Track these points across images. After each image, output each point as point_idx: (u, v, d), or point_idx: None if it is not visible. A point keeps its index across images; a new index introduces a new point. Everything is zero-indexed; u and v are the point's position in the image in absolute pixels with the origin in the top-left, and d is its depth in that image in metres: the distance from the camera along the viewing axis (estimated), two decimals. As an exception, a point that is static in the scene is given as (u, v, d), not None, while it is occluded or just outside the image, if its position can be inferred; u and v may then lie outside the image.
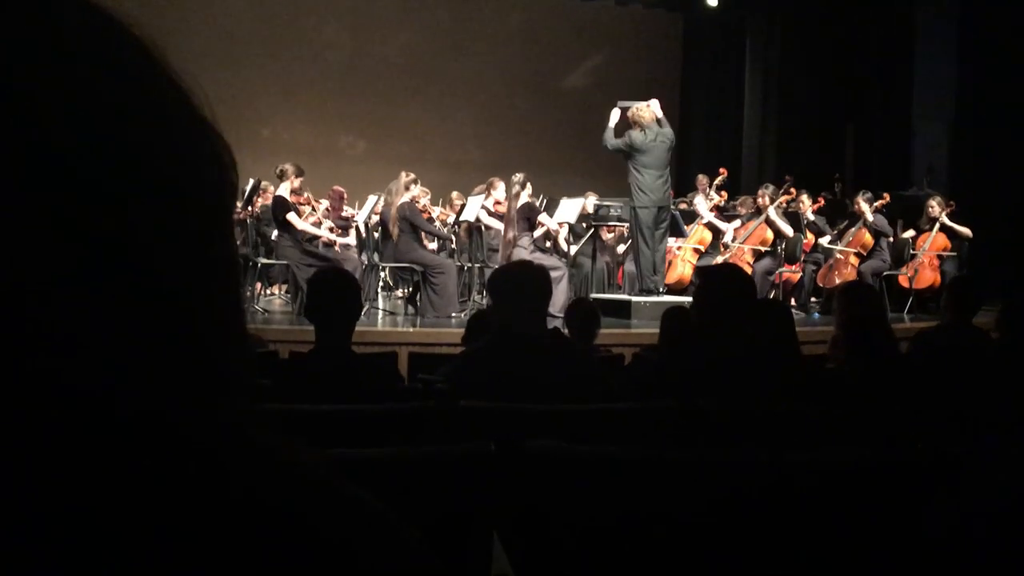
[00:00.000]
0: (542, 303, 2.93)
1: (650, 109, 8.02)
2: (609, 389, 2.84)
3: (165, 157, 0.46)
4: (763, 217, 9.08)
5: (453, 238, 9.27)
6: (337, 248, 8.51)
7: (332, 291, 2.88)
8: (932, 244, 9.18)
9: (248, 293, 8.30)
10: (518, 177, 8.32)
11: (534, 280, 2.90)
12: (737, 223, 9.49)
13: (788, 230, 9.08)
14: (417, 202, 8.15)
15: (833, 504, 1.63)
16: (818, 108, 12.87)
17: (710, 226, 9.53)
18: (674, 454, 1.68)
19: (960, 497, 0.81)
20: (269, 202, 8.55)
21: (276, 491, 0.49)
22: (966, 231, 9.18)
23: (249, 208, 9.06)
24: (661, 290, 8.11)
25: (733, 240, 9.31)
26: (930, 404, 2.80)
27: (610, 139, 8.12)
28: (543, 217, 8.43)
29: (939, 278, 8.95)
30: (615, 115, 8.26)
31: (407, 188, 8.00)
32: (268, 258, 8.34)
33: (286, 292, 9.26)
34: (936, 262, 9.14)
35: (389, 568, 0.50)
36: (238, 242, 8.94)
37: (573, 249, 9.10)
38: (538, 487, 1.71)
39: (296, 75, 13.54)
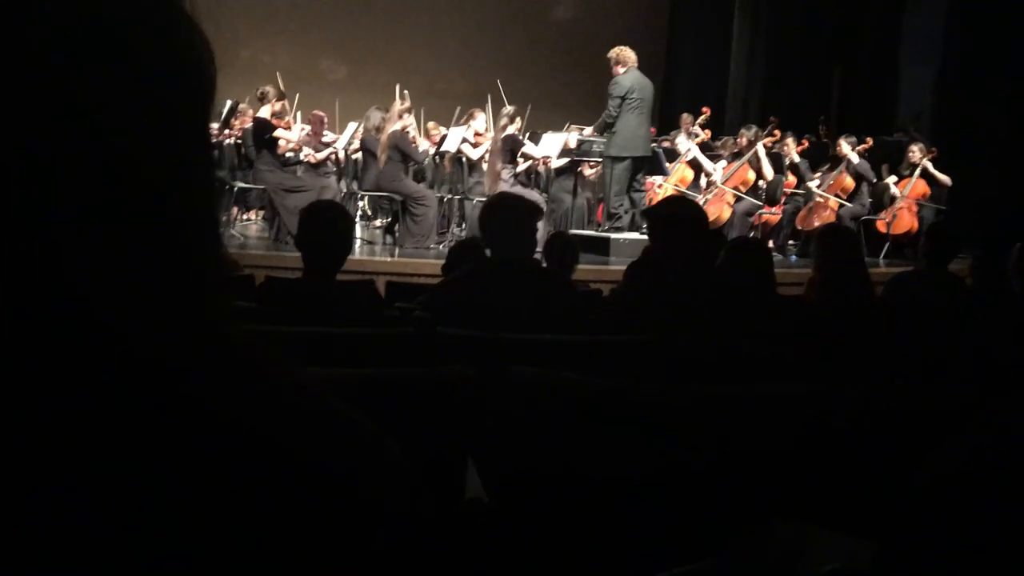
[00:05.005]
0: (530, 233, 2.98)
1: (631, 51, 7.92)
2: (590, 321, 2.86)
3: (143, 45, 0.44)
4: (750, 153, 9.01)
5: (432, 168, 9.18)
6: (315, 159, 8.40)
7: (323, 224, 2.84)
8: (912, 190, 9.20)
9: (224, 218, 8.22)
10: (508, 110, 8.25)
11: (526, 210, 2.96)
12: (723, 163, 9.43)
13: (770, 172, 9.04)
14: (407, 131, 8.04)
15: (804, 438, 1.65)
16: (805, 50, 12.75)
17: (692, 164, 9.47)
18: (653, 385, 1.69)
19: (941, 445, 0.82)
20: (248, 125, 8.41)
21: (256, 402, 0.48)
22: (946, 179, 9.20)
23: (227, 130, 8.91)
24: (620, 224, 8.06)
25: (719, 179, 9.27)
26: (902, 347, 2.84)
27: (608, 112, 7.84)
28: (527, 148, 8.35)
29: (917, 224, 8.98)
30: None
31: (400, 116, 7.88)
32: (245, 182, 8.23)
33: (263, 218, 9.17)
34: (915, 208, 9.17)
35: (370, 479, 0.50)
36: (216, 164, 8.84)
37: (556, 185, 9.06)
38: (516, 413, 1.72)
39: (278, -4, 13.21)
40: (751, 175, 9.04)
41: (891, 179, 9.49)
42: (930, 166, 9.19)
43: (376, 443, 0.52)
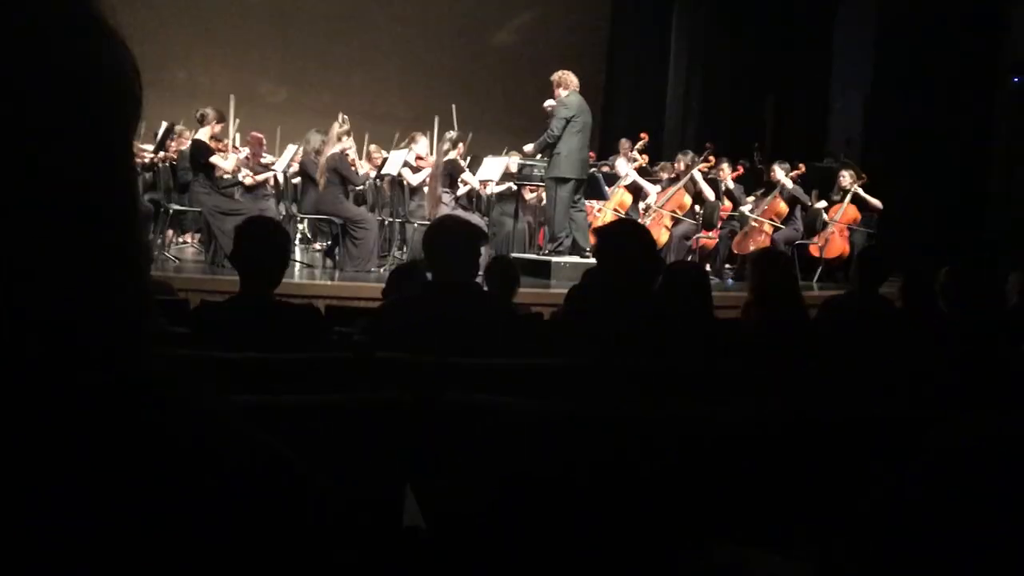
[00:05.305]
0: (473, 257, 2.99)
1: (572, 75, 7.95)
2: (531, 345, 2.87)
3: (64, 60, 0.44)
4: (686, 178, 9.18)
5: (373, 192, 9.16)
6: (253, 180, 8.35)
7: (260, 239, 2.82)
8: (843, 215, 9.44)
9: (159, 240, 8.07)
10: (451, 134, 8.26)
11: (469, 234, 2.98)
12: (659, 187, 9.59)
13: (710, 193, 9.23)
14: (346, 154, 8.00)
15: (741, 457, 1.67)
16: (741, 78, 13.05)
17: (632, 188, 9.61)
18: (592, 409, 1.70)
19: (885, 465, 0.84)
20: (185, 147, 8.30)
21: (172, 426, 0.49)
22: (877, 203, 9.45)
23: (162, 152, 8.77)
24: (562, 248, 8.09)
25: (656, 203, 9.41)
26: (835, 367, 2.90)
27: (550, 132, 7.76)
28: (466, 175, 8.37)
29: (848, 248, 9.22)
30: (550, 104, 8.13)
31: (339, 139, 7.83)
32: (181, 204, 8.10)
33: (199, 241, 9.03)
34: (846, 233, 9.41)
35: (282, 505, 0.51)
36: (151, 186, 8.69)
37: (497, 209, 9.10)
38: (454, 439, 1.71)
39: (217, 17, 13.09)
40: (687, 199, 9.21)
41: (821, 204, 9.74)
42: (861, 191, 9.44)
43: (276, 459, 0.52)
